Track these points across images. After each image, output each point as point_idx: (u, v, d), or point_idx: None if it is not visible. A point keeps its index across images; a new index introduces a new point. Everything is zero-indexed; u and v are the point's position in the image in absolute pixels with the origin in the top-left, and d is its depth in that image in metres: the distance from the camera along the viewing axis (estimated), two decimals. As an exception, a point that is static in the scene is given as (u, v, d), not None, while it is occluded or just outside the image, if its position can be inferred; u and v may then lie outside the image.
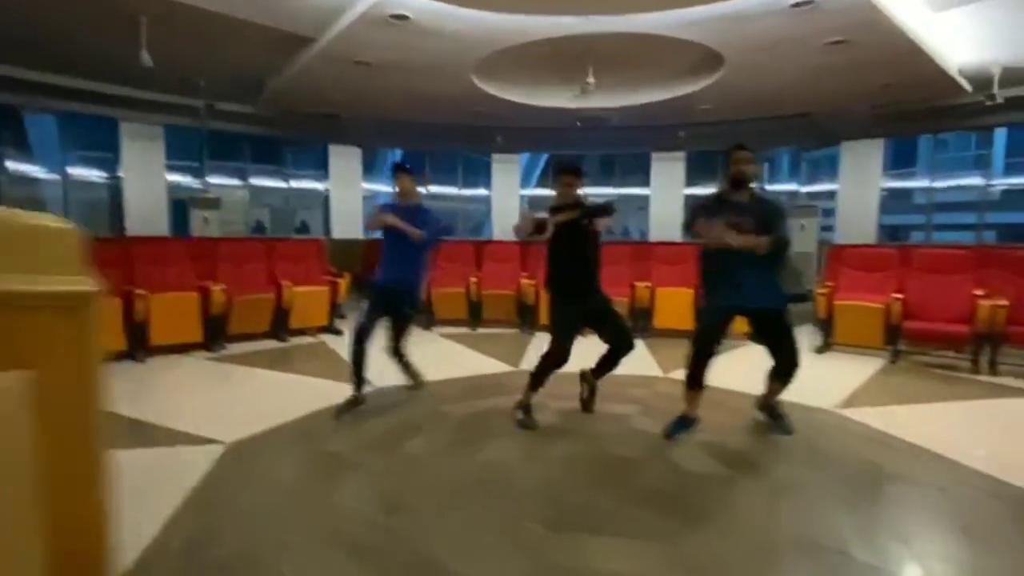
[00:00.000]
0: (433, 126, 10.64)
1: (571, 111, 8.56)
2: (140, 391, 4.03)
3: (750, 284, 2.91)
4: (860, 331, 5.17)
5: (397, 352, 3.73)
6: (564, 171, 3.30)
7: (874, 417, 3.46)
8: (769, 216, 2.95)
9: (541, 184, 17.33)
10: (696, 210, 3.14)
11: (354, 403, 3.41)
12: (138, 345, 4.69)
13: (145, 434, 3.07)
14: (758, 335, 3.10)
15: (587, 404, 3.52)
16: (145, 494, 2.38)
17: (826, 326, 5.38)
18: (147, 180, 10.32)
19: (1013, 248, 8.19)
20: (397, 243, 3.44)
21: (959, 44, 6.28)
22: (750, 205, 2.98)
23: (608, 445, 3.02)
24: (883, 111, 9.20)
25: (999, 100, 7.06)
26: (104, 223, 10.97)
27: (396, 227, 3.38)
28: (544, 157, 17.66)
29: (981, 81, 7.14)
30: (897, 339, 4.96)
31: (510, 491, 2.47)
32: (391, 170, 3.48)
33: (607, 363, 3.41)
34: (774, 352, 3.05)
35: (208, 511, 2.23)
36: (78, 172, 10.86)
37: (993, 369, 4.57)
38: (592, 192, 14.46)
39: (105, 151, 10.32)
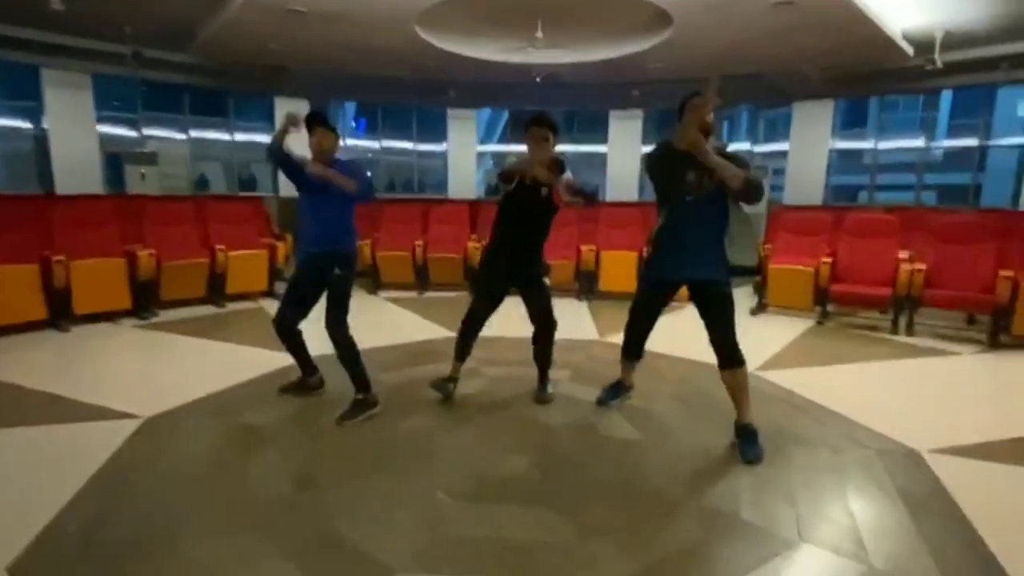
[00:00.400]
0: (384, 79, 10.24)
1: (520, 66, 8.33)
2: (59, 363, 3.90)
3: (692, 252, 2.61)
4: (792, 294, 5.35)
5: (340, 348, 2.96)
6: (535, 123, 2.93)
7: (788, 379, 3.62)
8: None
9: (503, 140, 17.05)
10: (654, 157, 2.77)
11: (302, 386, 3.19)
12: (60, 314, 4.50)
13: (58, 409, 2.98)
14: (697, 306, 2.74)
15: None
16: (50, 474, 2.33)
17: (761, 288, 5.56)
18: (76, 133, 9.68)
19: (938, 212, 8.53)
20: (318, 202, 2.86)
21: (904, 9, 6.32)
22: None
23: (533, 412, 3.09)
24: (832, 73, 9.27)
25: (939, 65, 7.19)
26: (32, 178, 10.31)
27: (326, 178, 2.72)
28: (506, 113, 17.32)
29: (925, 45, 7.24)
30: (825, 301, 5.16)
31: (428, 461, 2.51)
32: (305, 122, 2.87)
33: (538, 356, 3.32)
34: (707, 329, 2.69)
35: (112, 491, 2.19)
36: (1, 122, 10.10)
37: (910, 330, 4.82)
38: (555, 149, 14.33)
39: (30, 99, 9.60)
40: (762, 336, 4.72)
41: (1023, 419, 3.08)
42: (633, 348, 3.09)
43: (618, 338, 4.39)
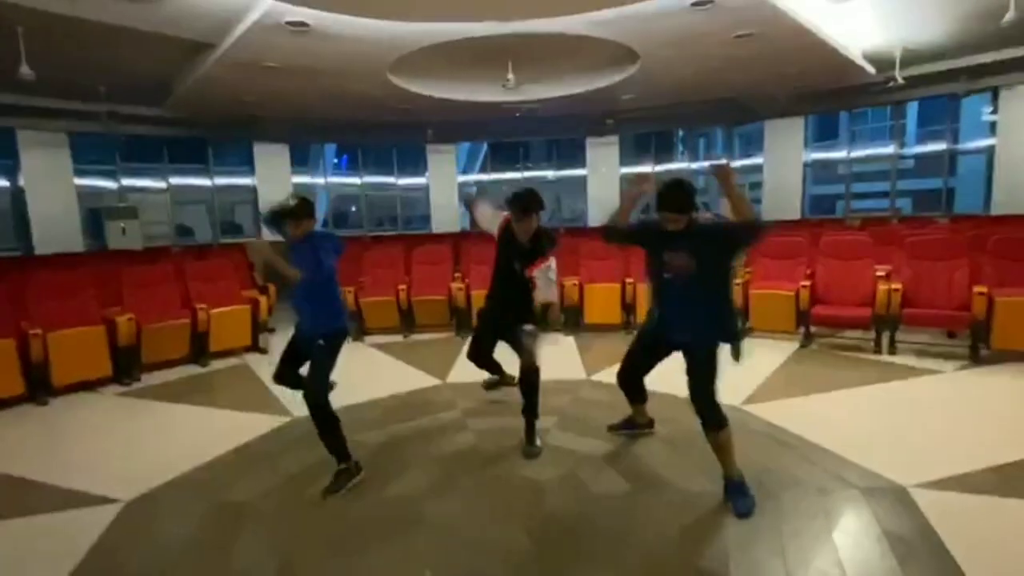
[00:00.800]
0: (361, 122, 10.35)
1: (496, 105, 8.46)
2: (36, 442, 3.82)
3: (678, 315, 2.67)
4: (774, 317, 5.40)
5: (317, 419, 2.88)
6: (520, 207, 3.15)
7: (774, 412, 3.63)
8: (712, 242, 2.53)
9: (483, 169, 17.20)
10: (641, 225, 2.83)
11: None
12: (39, 387, 4.42)
13: (33, 497, 2.92)
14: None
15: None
16: (31, 572, 2.27)
17: (743, 313, 5.59)
18: (54, 191, 9.65)
19: (912, 223, 8.69)
20: (307, 286, 2.87)
21: (862, 31, 6.52)
22: (686, 234, 2.54)
23: (520, 468, 3.06)
24: (800, 91, 9.51)
25: (900, 81, 7.40)
26: (8, 234, 10.19)
27: (275, 267, 2.75)
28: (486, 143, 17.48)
29: (885, 62, 7.46)
30: (807, 324, 5.21)
31: (414, 535, 2.47)
32: (266, 222, 3.05)
33: (524, 409, 3.33)
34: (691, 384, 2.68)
35: (90, 590, 2.14)
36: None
37: (892, 349, 4.87)
38: (535, 176, 14.49)
39: (6, 157, 9.56)
40: (747, 363, 4.72)
41: (1004, 443, 3.09)
42: (631, 395, 3.23)
43: (606, 376, 4.44)
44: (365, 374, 4.98)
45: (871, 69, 7.55)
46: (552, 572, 2.15)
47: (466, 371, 4.82)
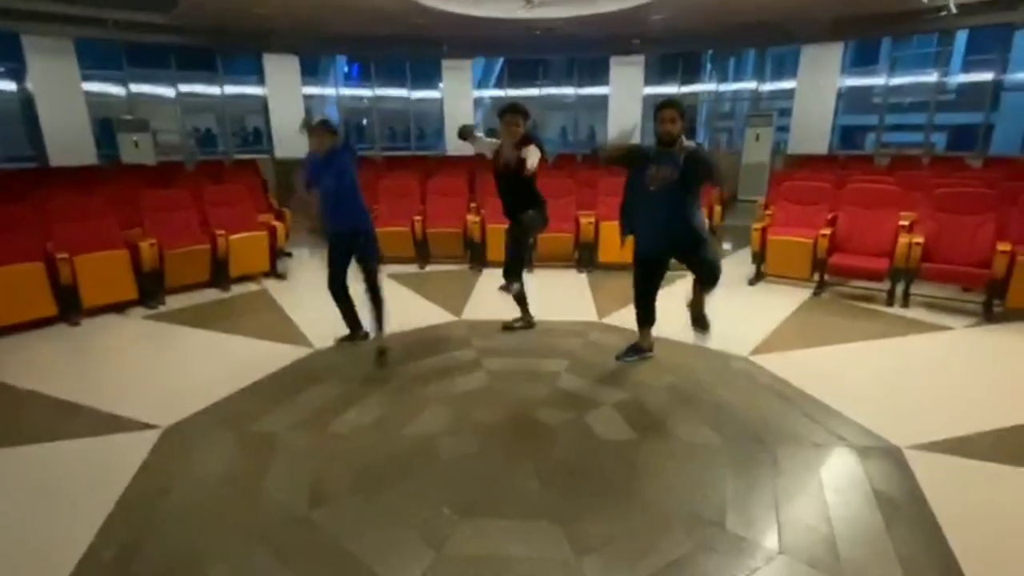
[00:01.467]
0: (374, 35, 9.87)
1: (516, 21, 8.01)
2: (73, 364, 4.04)
3: (660, 228, 3.31)
4: (790, 264, 5.38)
5: (371, 292, 3.84)
6: (506, 111, 3.81)
7: (780, 364, 3.73)
8: (693, 163, 3.16)
9: (499, 84, 16.50)
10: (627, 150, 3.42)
11: (352, 339, 4.06)
12: (70, 308, 4.60)
13: (79, 420, 3.13)
14: (680, 260, 3.50)
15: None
16: (79, 495, 2.50)
17: (759, 258, 5.58)
18: (62, 98, 9.52)
19: (943, 164, 8.35)
20: (331, 188, 3.65)
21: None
22: (675, 154, 3.20)
23: (532, 410, 3.20)
24: (842, 14, 8.88)
25: (953, 11, 6.88)
26: (22, 143, 10.15)
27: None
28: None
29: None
30: (823, 272, 5.20)
31: (430, 471, 2.65)
32: (305, 128, 3.71)
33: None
34: (694, 271, 3.49)
35: (140, 514, 2.35)
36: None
37: (905, 301, 4.88)
38: (554, 94, 13.95)
39: (12, 61, 9.34)
40: (758, 311, 4.80)
41: (1005, 406, 3.18)
42: (643, 317, 3.69)
43: (617, 319, 4.55)
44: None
45: (924, -3, 7.00)
46: (559, 516, 2.32)
47: (480, 308, 4.95)
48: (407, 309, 5.01)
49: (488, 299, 4.89)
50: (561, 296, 5.30)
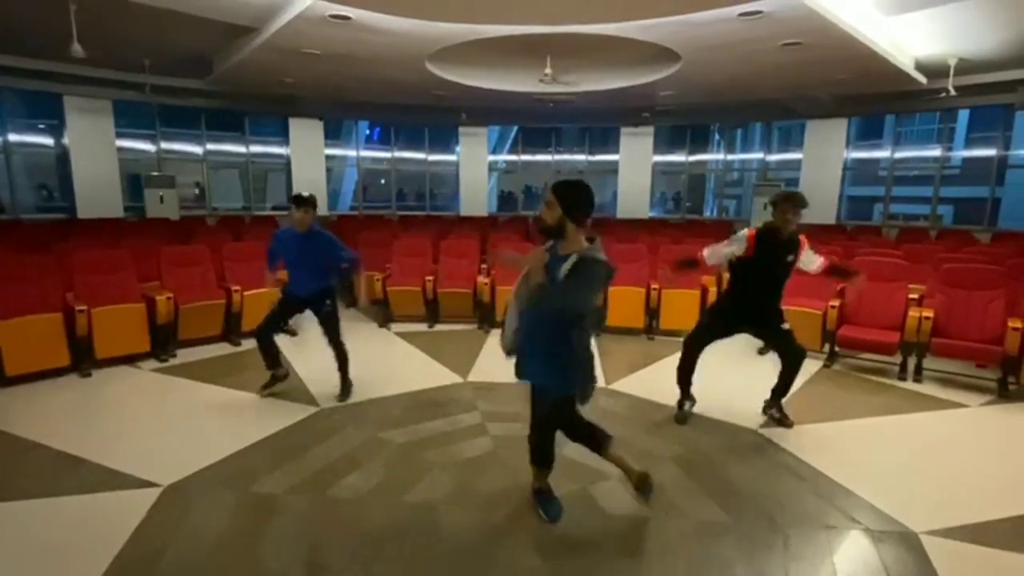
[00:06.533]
0: (395, 105, 10.36)
1: (532, 95, 8.40)
2: (81, 416, 4.05)
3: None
4: (800, 334, 5.28)
5: (335, 347, 4.18)
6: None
7: (791, 438, 3.66)
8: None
9: (513, 150, 17.07)
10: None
11: (273, 381, 4.30)
12: (83, 359, 4.66)
13: (80, 475, 3.11)
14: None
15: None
16: (75, 554, 2.46)
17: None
18: (96, 155, 9.94)
19: (950, 237, 8.40)
20: (301, 262, 4.02)
21: (915, 39, 6.28)
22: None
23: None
24: (845, 94, 9.21)
25: (952, 93, 7.13)
26: (56, 198, 10.58)
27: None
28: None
29: (938, 70, 7.18)
30: (832, 344, 5.16)
31: (429, 543, 2.58)
32: (290, 201, 4.00)
33: None
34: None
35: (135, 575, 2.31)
36: (23, 138, 10.42)
37: (918, 376, 4.81)
38: (567, 159, 14.37)
39: (51, 118, 9.86)
40: (770, 381, 4.73)
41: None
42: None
43: (625, 385, 4.50)
44: (390, 365, 5.13)
45: (922, 79, 7.28)
46: (561, 595, 2.24)
47: (487, 370, 4.94)
48: (414, 369, 5.02)
49: (495, 361, 4.86)
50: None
